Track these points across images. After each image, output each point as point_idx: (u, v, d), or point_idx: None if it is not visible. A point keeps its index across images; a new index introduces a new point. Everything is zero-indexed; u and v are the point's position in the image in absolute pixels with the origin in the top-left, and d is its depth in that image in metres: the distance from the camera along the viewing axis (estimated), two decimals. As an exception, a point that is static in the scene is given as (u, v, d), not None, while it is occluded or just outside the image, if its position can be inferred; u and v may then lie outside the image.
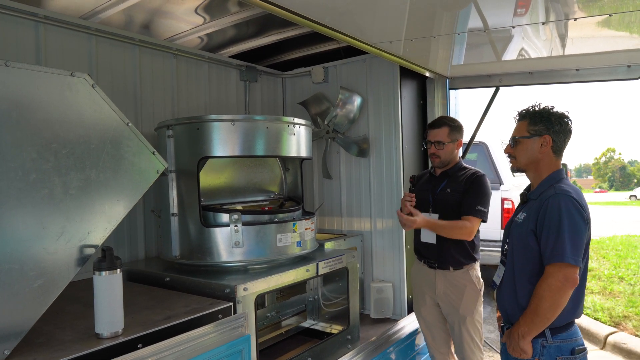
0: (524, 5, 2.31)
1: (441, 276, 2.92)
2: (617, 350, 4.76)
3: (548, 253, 1.96)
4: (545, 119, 2.11)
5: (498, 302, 2.29)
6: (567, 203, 1.96)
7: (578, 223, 1.94)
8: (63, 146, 1.66)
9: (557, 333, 2.01)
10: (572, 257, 1.90)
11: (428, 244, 2.95)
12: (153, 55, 3.28)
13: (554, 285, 1.91)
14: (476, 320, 2.89)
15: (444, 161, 2.96)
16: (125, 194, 1.85)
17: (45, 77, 1.63)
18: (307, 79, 4.25)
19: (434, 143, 2.93)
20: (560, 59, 3.25)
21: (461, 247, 2.88)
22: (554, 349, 2.00)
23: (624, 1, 2.13)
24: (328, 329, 3.47)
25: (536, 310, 1.95)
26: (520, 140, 2.17)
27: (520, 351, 2.02)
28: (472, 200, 2.81)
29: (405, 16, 2.45)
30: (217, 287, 2.30)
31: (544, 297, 1.93)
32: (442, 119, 3.03)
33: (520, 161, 2.19)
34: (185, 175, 2.63)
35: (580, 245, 1.94)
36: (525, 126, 2.16)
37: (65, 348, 1.62)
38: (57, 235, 1.64)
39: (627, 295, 6.19)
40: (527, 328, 1.98)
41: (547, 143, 2.11)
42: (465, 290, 2.87)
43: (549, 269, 1.95)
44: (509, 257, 2.20)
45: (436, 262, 2.93)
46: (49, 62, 2.67)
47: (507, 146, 2.25)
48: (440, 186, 2.97)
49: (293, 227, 2.73)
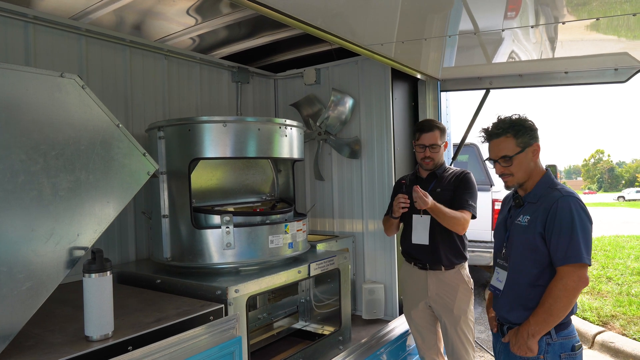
0: (514, 8, 2.33)
1: (433, 277, 2.93)
2: (605, 349, 4.82)
3: (560, 254, 1.98)
4: (525, 127, 2.13)
5: (497, 305, 2.27)
6: (575, 205, 2.00)
7: (587, 224, 1.99)
8: (52, 147, 1.65)
9: (560, 330, 2.04)
10: (587, 257, 1.95)
11: (420, 245, 2.96)
12: (144, 56, 3.26)
13: (570, 285, 1.94)
14: (469, 319, 2.92)
15: (436, 164, 3.00)
16: (116, 195, 1.83)
17: (35, 78, 1.62)
18: (299, 81, 4.25)
19: (429, 147, 2.95)
20: (550, 62, 3.28)
21: (453, 247, 2.91)
22: (557, 347, 2.04)
23: (611, 5, 2.16)
24: (320, 330, 3.47)
25: (550, 310, 1.97)
26: (515, 157, 2.14)
27: (527, 349, 2.04)
28: (465, 196, 2.87)
29: (397, 18, 2.46)
30: (208, 289, 2.29)
31: (559, 297, 1.95)
32: (432, 122, 3.04)
33: (519, 176, 2.16)
34: (177, 177, 2.62)
35: (591, 245, 1.99)
36: (513, 142, 2.13)
37: (55, 351, 1.61)
38: (46, 237, 1.62)
39: (615, 295, 6.26)
40: (539, 327, 2.01)
41: (537, 149, 2.15)
42: (458, 289, 2.89)
43: (564, 269, 1.96)
44: (511, 261, 2.18)
45: (428, 262, 2.94)
46: (39, 63, 2.65)
47: (497, 166, 2.20)
48: (429, 187, 2.99)
49: (285, 228, 2.73)
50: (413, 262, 3.04)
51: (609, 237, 11.69)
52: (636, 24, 2.34)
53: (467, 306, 2.90)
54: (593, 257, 8.65)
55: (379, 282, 3.75)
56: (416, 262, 3.01)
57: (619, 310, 5.59)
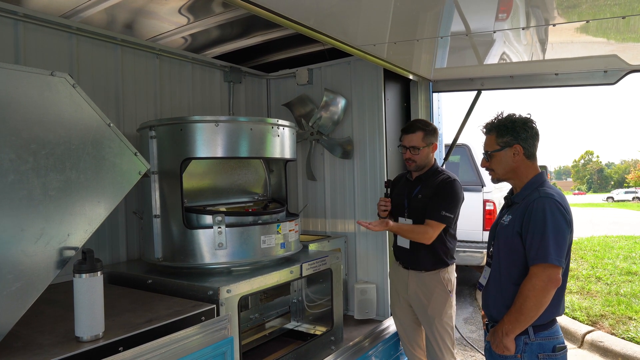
0: (505, 10, 2.35)
1: (413, 276, 2.97)
2: (594, 348, 4.87)
3: (532, 254, 2.01)
4: (511, 129, 2.18)
5: (483, 302, 2.32)
6: (551, 206, 2.02)
7: (561, 225, 2.00)
8: (42, 147, 1.63)
9: (540, 331, 2.06)
10: (556, 258, 1.96)
11: (403, 247, 3.00)
12: (135, 56, 3.24)
13: (538, 285, 1.97)
14: (445, 322, 2.91)
15: (419, 165, 2.98)
16: (107, 195, 1.82)
17: (24, 77, 1.60)
18: (291, 81, 4.25)
19: (409, 148, 2.94)
20: (540, 64, 3.31)
21: (433, 253, 2.90)
22: (535, 346, 2.05)
23: (601, 8, 2.19)
24: (312, 330, 3.47)
25: (520, 309, 2.00)
26: (493, 154, 2.24)
27: (504, 348, 2.07)
28: (438, 205, 2.82)
29: (389, 19, 2.47)
30: (200, 289, 2.28)
31: (528, 297, 1.98)
32: (416, 123, 3.01)
33: (499, 172, 2.26)
34: (168, 177, 2.60)
35: (563, 246, 2.00)
36: (494, 139, 2.22)
37: (44, 352, 1.59)
38: (35, 237, 1.61)
39: (604, 295, 6.33)
40: (511, 326, 2.04)
41: (519, 152, 2.18)
42: (434, 291, 2.90)
43: (534, 270, 2.00)
44: (494, 259, 2.24)
45: (409, 264, 2.99)
46: (29, 61, 2.62)
47: (483, 160, 2.32)
48: (414, 191, 2.99)
49: (277, 228, 2.73)
50: (399, 261, 3.10)
51: (598, 238, 11.80)
52: (625, 26, 2.36)
53: (442, 309, 2.89)
54: (582, 258, 8.77)
55: (371, 282, 3.75)
56: (401, 262, 3.08)
57: (608, 310, 5.65)
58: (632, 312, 5.49)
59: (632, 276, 7.22)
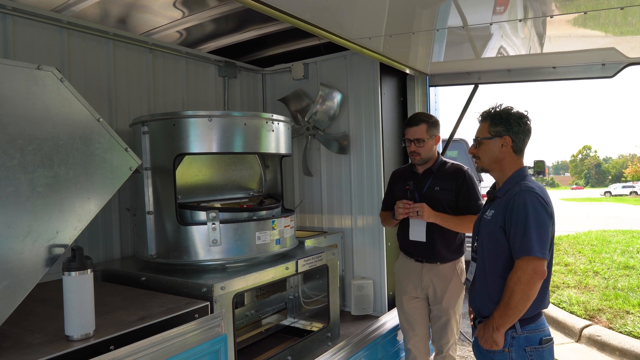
0: (502, 3, 2.32)
1: (428, 269, 2.96)
2: (592, 342, 4.87)
3: (516, 248, 2.03)
4: (505, 120, 2.19)
5: (470, 297, 2.34)
6: (532, 199, 2.04)
7: (543, 218, 2.02)
8: (29, 142, 1.60)
9: (526, 324, 2.08)
10: (539, 250, 1.98)
11: (417, 242, 2.96)
12: (128, 50, 3.20)
13: (524, 278, 1.98)
14: (457, 312, 2.97)
15: (424, 158, 2.96)
16: (97, 191, 1.79)
17: (10, 70, 1.56)
18: (287, 75, 4.21)
19: (414, 141, 2.92)
20: (538, 57, 3.28)
21: (450, 243, 2.93)
22: (523, 340, 2.07)
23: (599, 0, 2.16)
24: (308, 326, 3.45)
25: (508, 303, 2.01)
26: (482, 141, 2.26)
27: (492, 343, 2.08)
28: (472, 199, 2.88)
29: (385, 12, 2.44)
30: (194, 286, 2.26)
31: (515, 290, 1.99)
32: (419, 115, 3.01)
33: (484, 161, 2.28)
34: (161, 173, 2.57)
35: (546, 238, 2.02)
36: (487, 127, 2.25)
37: (34, 351, 1.57)
38: (23, 234, 1.57)
39: (602, 289, 6.33)
40: (502, 320, 2.05)
41: (507, 143, 2.19)
42: (450, 282, 2.93)
43: (518, 263, 2.02)
44: (479, 253, 2.26)
45: (424, 258, 2.97)
46: (18, 56, 2.58)
47: (471, 147, 2.34)
48: (426, 184, 2.96)
49: (272, 224, 2.70)
50: (409, 256, 3.06)
51: (595, 232, 11.82)
52: (623, 18, 2.34)
53: (456, 299, 2.94)
54: (580, 252, 8.78)
55: (368, 278, 3.74)
56: (413, 256, 3.03)
57: (605, 304, 5.65)
58: (629, 306, 5.49)
59: (629, 270, 7.23)
